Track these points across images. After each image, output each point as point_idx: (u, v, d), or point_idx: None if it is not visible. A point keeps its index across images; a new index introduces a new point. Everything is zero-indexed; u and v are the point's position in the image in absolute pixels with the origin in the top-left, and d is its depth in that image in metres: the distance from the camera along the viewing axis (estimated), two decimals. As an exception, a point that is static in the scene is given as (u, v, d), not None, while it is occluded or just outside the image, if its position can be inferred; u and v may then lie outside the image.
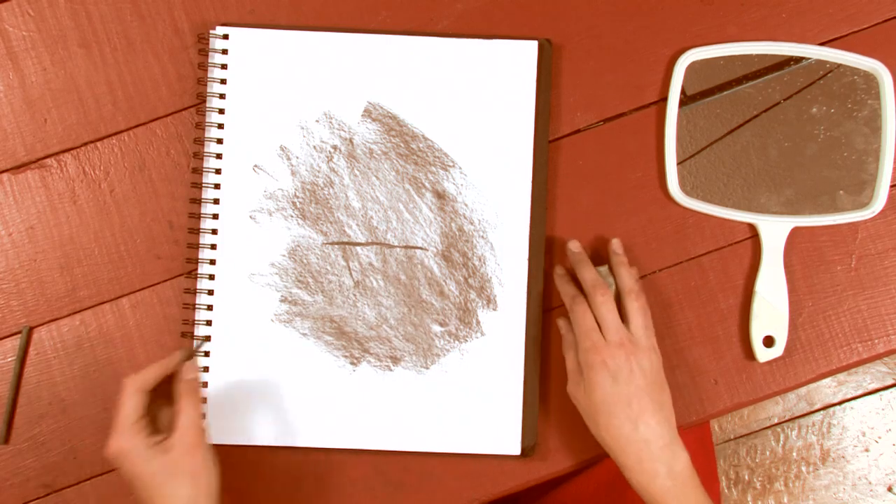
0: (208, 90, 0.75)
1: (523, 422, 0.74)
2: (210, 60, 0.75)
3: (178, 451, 0.64)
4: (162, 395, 0.67)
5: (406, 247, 0.75)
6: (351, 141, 0.75)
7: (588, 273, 0.70)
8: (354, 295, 0.75)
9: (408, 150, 0.75)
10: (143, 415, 0.64)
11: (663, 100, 0.76)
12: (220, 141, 0.75)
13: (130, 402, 0.64)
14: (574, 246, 0.74)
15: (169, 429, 0.65)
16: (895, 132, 0.74)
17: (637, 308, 0.69)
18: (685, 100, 0.76)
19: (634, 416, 0.66)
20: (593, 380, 0.67)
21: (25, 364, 0.75)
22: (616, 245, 0.73)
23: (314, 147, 0.75)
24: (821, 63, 0.75)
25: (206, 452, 0.65)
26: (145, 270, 0.76)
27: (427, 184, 0.75)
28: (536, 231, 0.75)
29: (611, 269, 0.72)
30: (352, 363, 0.75)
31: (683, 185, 0.75)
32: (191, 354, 0.69)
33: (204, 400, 0.74)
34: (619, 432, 0.67)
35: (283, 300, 0.75)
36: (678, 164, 0.75)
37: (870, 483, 1.50)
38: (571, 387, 0.70)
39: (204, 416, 0.71)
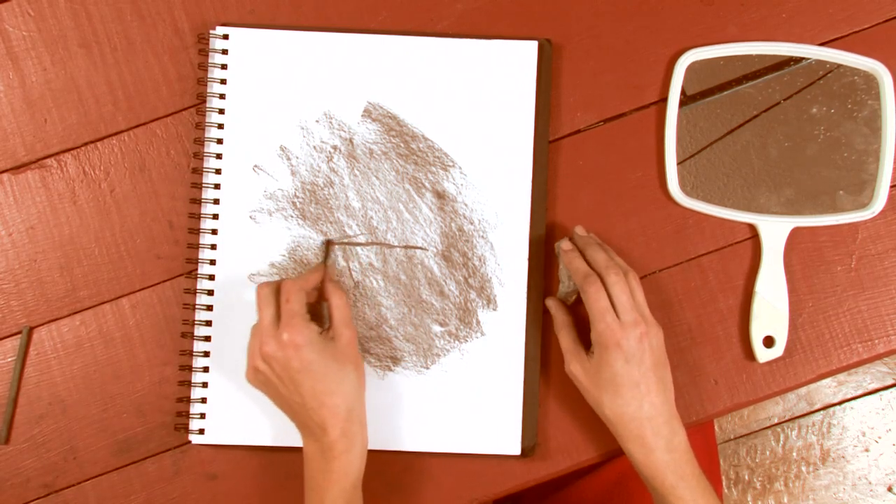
0: (208, 90, 0.75)
1: (523, 422, 0.74)
2: (210, 60, 0.75)
3: (342, 341, 0.67)
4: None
5: (406, 247, 0.75)
6: (351, 141, 0.75)
7: (599, 254, 0.70)
8: (354, 295, 0.75)
9: (408, 150, 0.75)
10: (306, 311, 0.66)
11: (663, 100, 0.76)
12: (220, 141, 0.75)
13: (297, 299, 0.66)
14: (580, 230, 0.74)
15: (321, 323, 0.69)
16: (895, 132, 0.74)
17: (634, 283, 0.69)
18: (685, 100, 0.76)
19: (641, 396, 0.67)
20: (605, 360, 0.67)
21: (25, 364, 0.75)
22: (579, 229, 0.74)
23: (314, 147, 0.75)
24: (821, 63, 0.75)
25: (358, 346, 0.70)
26: (145, 270, 0.76)
27: (427, 184, 0.75)
28: (536, 231, 0.75)
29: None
30: (352, 363, 0.75)
31: (683, 185, 0.75)
32: (326, 258, 0.74)
33: (204, 400, 0.74)
34: (624, 411, 0.67)
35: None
36: (678, 164, 0.75)
37: (870, 483, 1.51)
38: (571, 365, 0.70)
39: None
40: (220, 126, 0.75)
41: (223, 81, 0.75)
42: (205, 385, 0.74)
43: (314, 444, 0.67)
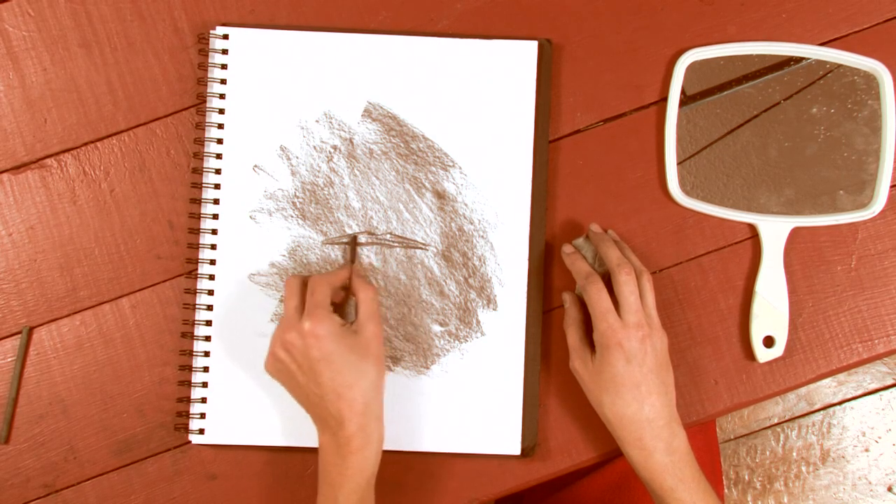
0: (208, 90, 0.75)
1: (523, 422, 0.74)
2: (210, 60, 0.75)
3: (367, 335, 0.67)
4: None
5: (406, 246, 0.75)
6: (351, 141, 0.75)
7: (612, 251, 0.70)
8: (354, 295, 0.75)
9: (408, 150, 0.75)
10: (329, 304, 0.67)
11: (663, 100, 0.76)
12: (220, 141, 0.75)
13: (322, 292, 0.67)
14: (595, 227, 0.74)
15: (345, 317, 0.69)
16: (895, 132, 0.74)
17: (646, 286, 0.69)
18: (685, 100, 0.76)
19: (641, 398, 0.67)
20: (606, 359, 0.67)
21: (25, 364, 0.75)
22: (595, 227, 0.74)
23: (314, 147, 0.75)
24: (821, 63, 0.75)
25: (383, 343, 0.69)
26: (145, 270, 0.76)
27: (427, 184, 0.75)
28: (536, 231, 0.75)
29: (588, 242, 0.73)
30: (352, 363, 0.75)
31: (683, 185, 0.75)
32: (353, 256, 0.73)
33: (204, 400, 0.74)
34: (624, 412, 0.67)
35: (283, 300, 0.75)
36: (678, 164, 0.75)
37: (870, 483, 1.51)
38: (575, 363, 0.70)
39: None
40: (220, 126, 0.75)
41: (223, 81, 0.75)
42: (205, 385, 0.74)
43: (330, 437, 0.66)
